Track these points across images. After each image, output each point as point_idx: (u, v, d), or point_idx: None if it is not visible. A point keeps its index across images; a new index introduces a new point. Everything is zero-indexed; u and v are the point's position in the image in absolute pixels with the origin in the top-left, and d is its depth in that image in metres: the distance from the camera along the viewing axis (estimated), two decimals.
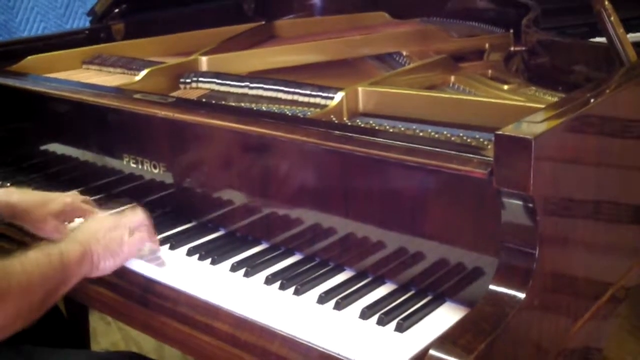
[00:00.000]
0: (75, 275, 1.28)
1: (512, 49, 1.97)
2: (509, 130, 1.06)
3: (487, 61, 2.05)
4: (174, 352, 2.22)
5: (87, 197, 1.63)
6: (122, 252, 1.35)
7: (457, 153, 1.14)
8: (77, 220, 1.56)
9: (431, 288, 1.25)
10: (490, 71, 1.89)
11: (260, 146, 1.42)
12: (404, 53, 2.11)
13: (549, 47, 1.85)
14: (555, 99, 1.60)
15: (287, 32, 2.44)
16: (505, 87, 1.72)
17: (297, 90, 1.70)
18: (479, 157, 1.12)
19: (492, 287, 1.11)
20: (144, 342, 2.68)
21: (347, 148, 1.24)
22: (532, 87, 1.71)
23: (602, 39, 1.57)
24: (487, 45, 2.18)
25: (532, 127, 1.08)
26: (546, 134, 1.06)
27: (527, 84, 1.75)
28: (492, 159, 1.09)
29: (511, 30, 1.98)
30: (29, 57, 2.06)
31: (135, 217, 1.40)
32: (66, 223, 1.56)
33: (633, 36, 2.23)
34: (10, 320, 1.15)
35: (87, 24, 2.47)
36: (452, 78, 1.83)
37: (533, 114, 1.16)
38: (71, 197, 1.57)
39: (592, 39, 2.25)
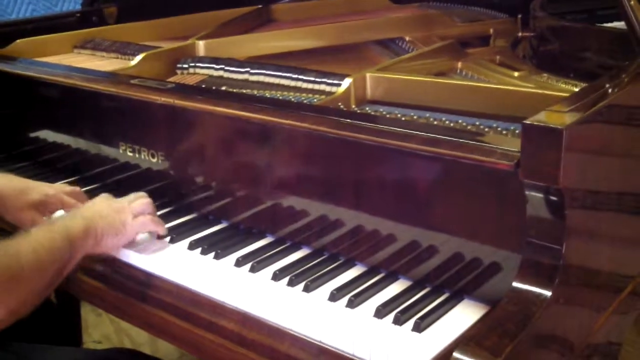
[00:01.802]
0: (80, 249, 1.27)
1: (520, 34, 1.91)
2: (537, 119, 1.00)
3: (494, 47, 1.99)
4: (168, 345, 2.17)
5: (77, 189, 1.55)
6: (125, 231, 1.34)
7: (480, 143, 1.08)
8: (58, 213, 1.47)
9: (447, 285, 1.19)
10: (498, 57, 1.83)
11: (265, 134, 1.36)
12: (407, 38, 2.05)
13: (560, 32, 1.79)
14: (569, 87, 1.55)
15: (285, 16, 2.37)
16: (516, 73, 1.66)
17: (300, 77, 1.63)
18: (503, 148, 1.06)
19: (515, 284, 1.05)
20: (137, 335, 2.61)
21: (361, 137, 1.18)
22: (543, 73, 1.65)
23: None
24: (491, 31, 2.12)
25: (561, 116, 1.02)
26: (576, 124, 1.00)
27: (538, 70, 1.70)
28: (516, 149, 1.03)
29: (519, 16, 1.92)
30: (19, 41, 1.99)
31: (140, 202, 1.39)
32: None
33: None
34: (25, 301, 1.14)
35: (78, 7, 2.39)
36: (459, 64, 1.77)
37: (553, 101, 1.11)
38: (54, 189, 1.51)
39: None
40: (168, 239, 1.41)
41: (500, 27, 2.12)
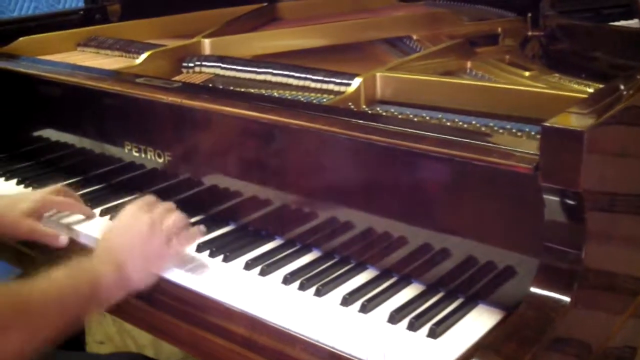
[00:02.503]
0: (108, 299, 1.18)
1: (529, 33, 1.88)
2: (556, 121, 0.98)
3: (503, 46, 1.96)
4: (171, 346, 2.14)
5: (57, 186, 1.53)
6: (161, 266, 1.26)
7: (497, 145, 1.06)
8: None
9: (462, 289, 1.17)
10: (507, 57, 1.81)
11: (275, 135, 1.33)
12: (414, 37, 2.02)
13: (571, 31, 1.76)
14: (582, 87, 1.53)
15: (291, 14, 2.34)
16: (527, 73, 1.64)
17: (309, 76, 1.61)
18: (521, 150, 1.03)
19: (533, 289, 1.03)
20: (139, 336, 2.59)
21: (375, 139, 1.15)
22: (555, 73, 1.63)
23: None
24: (499, 30, 2.09)
25: (581, 118, 1.00)
26: (596, 126, 0.98)
27: (548, 70, 1.67)
28: (534, 152, 1.01)
29: (529, 14, 1.89)
30: (21, 39, 1.96)
31: (173, 221, 1.28)
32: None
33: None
34: (15, 354, 1.04)
35: (81, 4, 2.36)
36: (469, 64, 1.75)
37: (567, 102, 1.09)
38: (39, 194, 1.49)
39: None
40: None
41: (508, 26, 2.10)
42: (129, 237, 1.24)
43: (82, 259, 1.19)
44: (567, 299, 1.01)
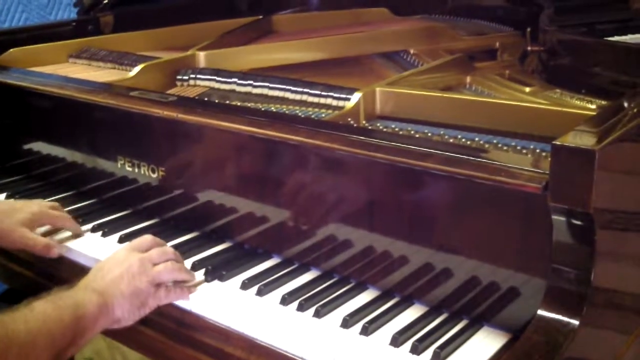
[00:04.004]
0: (91, 330, 1.13)
1: (529, 48, 1.86)
2: (566, 140, 0.95)
3: (502, 61, 1.94)
4: None
5: (55, 204, 1.52)
6: (147, 304, 1.20)
7: (504, 164, 1.03)
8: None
9: (466, 311, 1.14)
10: (507, 72, 1.79)
11: (273, 150, 1.30)
12: (412, 51, 2.00)
13: (571, 47, 1.74)
14: (584, 103, 1.51)
15: (286, 27, 2.31)
16: (527, 89, 1.62)
17: (306, 90, 1.58)
18: (529, 169, 1.00)
19: (541, 312, 1.00)
20: (129, 352, 2.54)
21: (379, 156, 1.12)
22: (555, 89, 1.60)
23: None
24: (497, 45, 2.07)
25: (591, 137, 0.97)
26: (608, 145, 0.95)
27: (548, 85, 1.65)
28: (543, 171, 0.98)
29: (528, 29, 1.87)
30: (12, 50, 1.92)
31: (164, 265, 1.23)
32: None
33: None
34: None
35: (72, 15, 2.33)
36: (468, 79, 1.72)
37: (571, 119, 1.07)
38: (38, 205, 1.47)
39: None
40: None
41: (506, 40, 2.08)
42: (118, 271, 1.20)
43: (63, 289, 1.15)
44: (575, 322, 0.98)
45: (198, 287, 1.26)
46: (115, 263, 1.22)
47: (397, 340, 1.08)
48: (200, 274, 1.30)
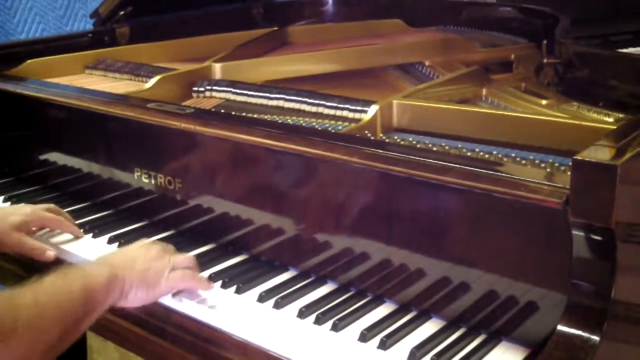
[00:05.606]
0: (101, 303, 1.13)
1: (544, 60, 1.85)
2: (588, 155, 0.95)
3: (517, 73, 1.94)
4: None
5: (52, 205, 1.52)
6: (159, 286, 1.22)
7: (525, 179, 1.03)
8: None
9: (483, 325, 1.13)
10: (523, 84, 1.78)
11: (289, 163, 1.30)
12: (427, 63, 2.00)
13: (588, 59, 1.73)
14: (601, 117, 1.50)
15: (301, 39, 2.32)
16: (543, 101, 1.61)
17: (323, 102, 1.58)
18: (549, 184, 1.00)
19: (561, 327, 1.00)
20: None
21: (398, 170, 1.12)
22: (572, 102, 1.60)
23: None
24: (512, 57, 2.07)
25: (613, 152, 0.97)
26: (629, 160, 0.95)
27: (565, 98, 1.64)
28: (563, 185, 0.98)
29: (544, 42, 1.87)
30: (29, 61, 1.93)
31: (183, 257, 1.28)
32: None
33: None
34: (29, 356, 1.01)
35: (88, 26, 2.34)
36: (484, 91, 1.72)
37: (589, 132, 1.06)
38: (31, 208, 1.49)
39: None
40: None
41: (521, 52, 2.08)
42: (135, 251, 1.23)
43: (73, 265, 1.16)
44: (596, 337, 0.97)
45: (216, 298, 1.26)
46: (136, 246, 1.25)
47: (415, 355, 1.07)
48: (217, 286, 1.29)
